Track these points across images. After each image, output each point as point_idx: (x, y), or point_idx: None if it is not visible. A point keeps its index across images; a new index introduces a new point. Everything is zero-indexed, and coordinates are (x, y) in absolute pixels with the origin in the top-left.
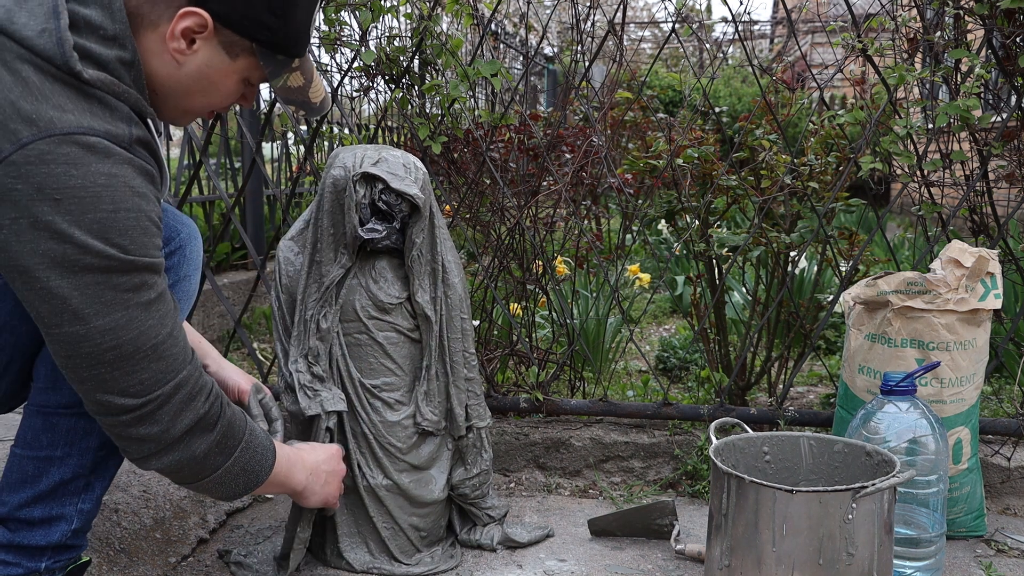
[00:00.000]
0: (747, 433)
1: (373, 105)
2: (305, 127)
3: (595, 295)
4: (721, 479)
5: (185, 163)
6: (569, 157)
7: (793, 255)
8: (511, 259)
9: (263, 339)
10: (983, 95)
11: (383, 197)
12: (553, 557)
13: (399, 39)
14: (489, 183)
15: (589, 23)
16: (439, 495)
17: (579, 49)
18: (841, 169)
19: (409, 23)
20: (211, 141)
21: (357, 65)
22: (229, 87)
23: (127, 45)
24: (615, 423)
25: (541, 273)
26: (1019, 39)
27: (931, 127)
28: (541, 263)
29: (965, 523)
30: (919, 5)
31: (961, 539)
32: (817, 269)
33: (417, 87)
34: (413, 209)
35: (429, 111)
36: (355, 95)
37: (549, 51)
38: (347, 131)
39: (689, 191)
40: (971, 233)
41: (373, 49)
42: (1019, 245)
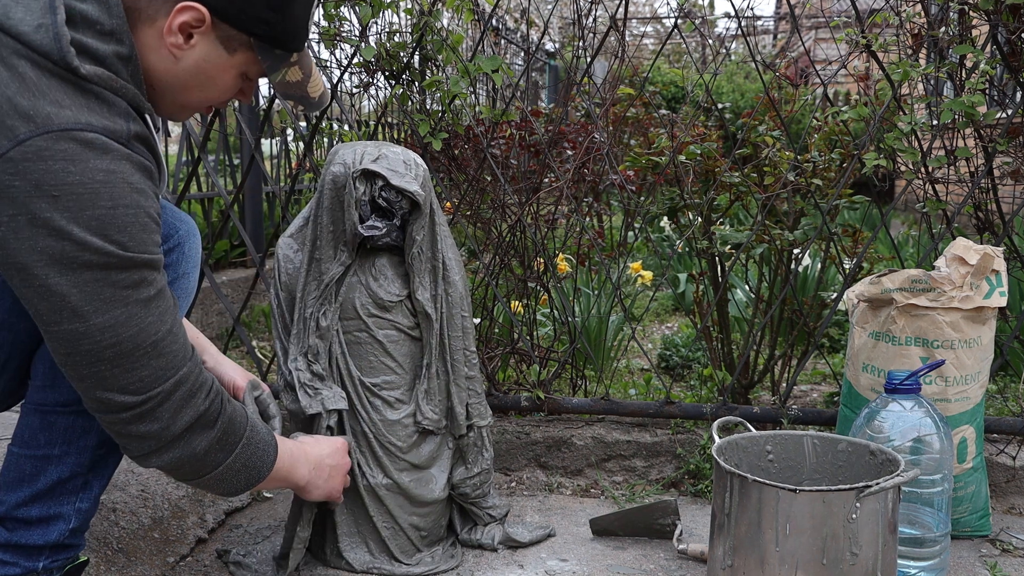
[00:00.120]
0: (750, 432)
1: (373, 101)
2: (304, 123)
3: (597, 293)
4: (724, 478)
5: (183, 159)
6: (571, 154)
7: (796, 252)
8: (512, 256)
9: (262, 337)
10: (988, 91)
11: (383, 194)
12: (555, 557)
13: (399, 35)
14: (490, 180)
15: (591, 18)
16: (440, 494)
17: (581, 45)
18: (845, 166)
19: (409, 18)
20: (210, 137)
21: (357, 61)
22: (227, 82)
23: (124, 40)
24: (617, 422)
25: (542, 271)
26: None
27: (936, 123)
28: (542, 260)
29: (970, 523)
30: (923, 0)
31: (966, 539)
32: (821, 267)
33: (417, 83)
34: (413, 206)
35: (430, 107)
36: (355, 91)
37: (551, 47)
38: (347, 127)
39: (692, 188)
40: (976, 230)
41: (373, 45)
42: None
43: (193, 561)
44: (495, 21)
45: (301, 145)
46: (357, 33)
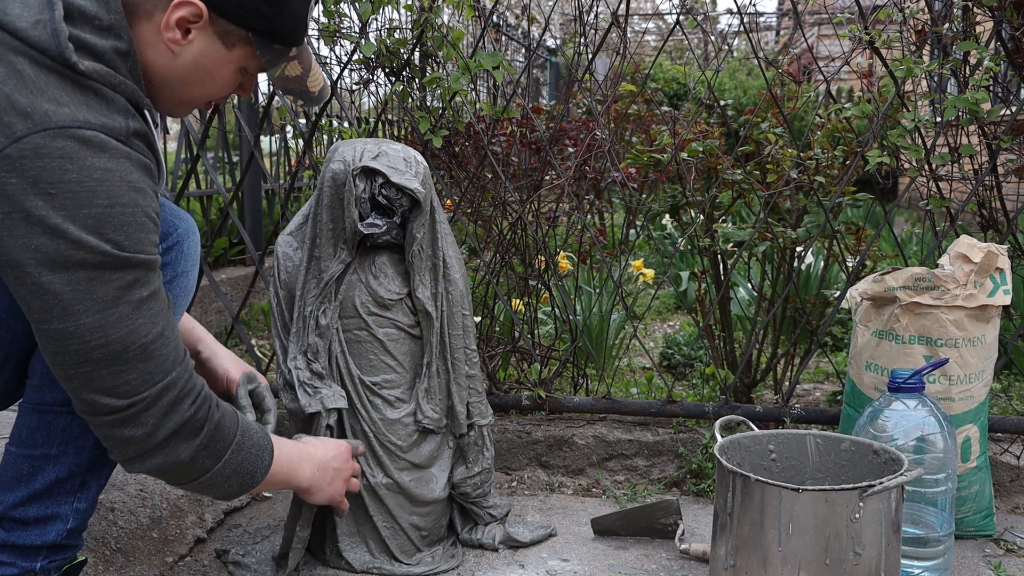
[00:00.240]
0: (752, 431)
1: (373, 98)
2: (304, 120)
3: (598, 291)
4: (726, 478)
5: (182, 157)
6: (572, 151)
7: (799, 250)
8: (513, 254)
9: (261, 335)
10: (992, 88)
11: (383, 191)
12: (556, 557)
13: (399, 31)
14: (491, 177)
15: (592, 15)
16: (440, 494)
17: (582, 41)
18: (848, 163)
19: (409, 15)
20: (208, 134)
21: (357, 57)
22: (226, 77)
23: (123, 35)
24: (619, 421)
25: (544, 269)
26: None
27: (939, 120)
28: (544, 258)
29: (974, 522)
30: None
31: (970, 538)
32: (824, 264)
33: (418, 80)
34: (414, 204)
35: (430, 104)
36: (355, 88)
37: (552, 43)
38: (347, 124)
39: (694, 185)
40: (980, 228)
41: (373, 41)
42: None
43: (192, 561)
44: (496, 17)
45: (300, 142)
46: (357, 29)
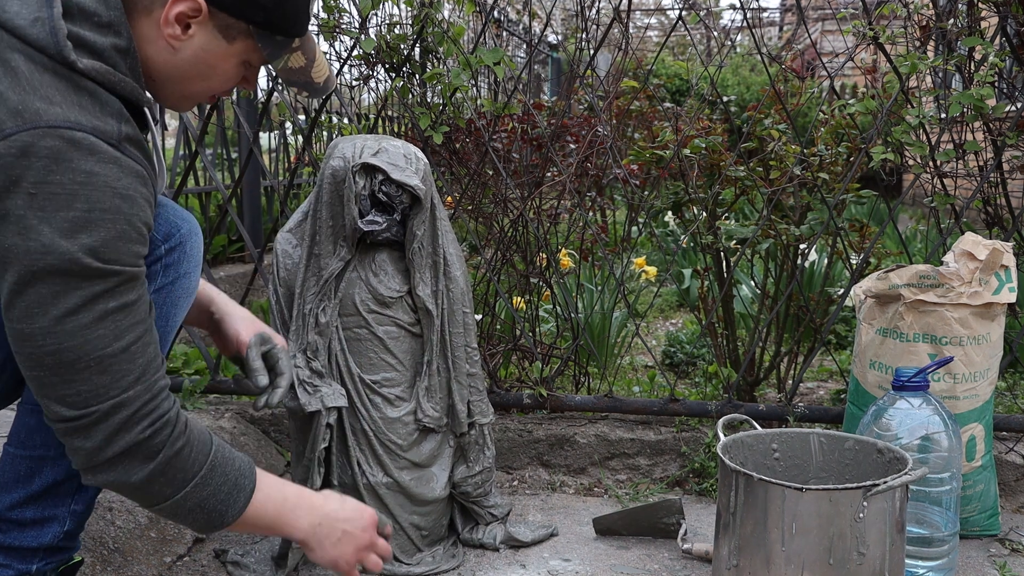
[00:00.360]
0: (756, 430)
1: (373, 94)
2: (303, 117)
3: (600, 288)
4: (729, 477)
5: (181, 153)
6: (574, 147)
7: (803, 248)
8: (514, 252)
9: None
10: (997, 84)
11: (383, 188)
12: (557, 556)
13: (399, 26)
14: (492, 174)
15: (594, 10)
16: (440, 493)
17: (584, 37)
18: (852, 160)
19: (410, 10)
20: (207, 131)
21: (357, 53)
22: (228, 71)
23: (122, 32)
24: (621, 419)
25: (545, 266)
26: None
27: (944, 117)
28: (545, 256)
29: (979, 522)
30: None
31: (975, 538)
32: (827, 262)
33: (418, 76)
34: (414, 200)
35: (430, 100)
36: (355, 84)
37: (553, 39)
38: (346, 121)
39: (696, 182)
40: (985, 225)
41: (373, 37)
42: None
43: (190, 561)
44: (497, 13)
45: (300, 138)
46: (357, 25)
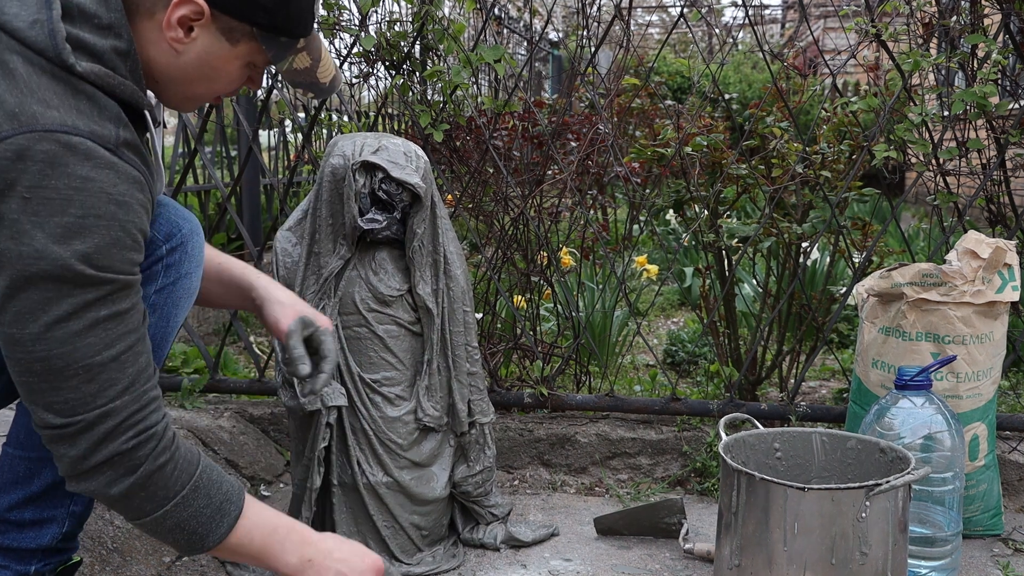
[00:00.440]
0: (758, 429)
1: (373, 92)
2: (303, 114)
3: (601, 287)
4: (731, 476)
5: (180, 151)
6: (575, 145)
7: (805, 246)
8: (515, 250)
9: (260, 332)
10: (1000, 81)
11: (383, 186)
12: (558, 556)
13: (400, 24)
14: (492, 172)
15: (595, 7)
16: (441, 493)
17: (585, 34)
18: (854, 158)
19: (410, 7)
20: (206, 129)
21: (357, 51)
22: (232, 73)
23: (123, 34)
24: (622, 419)
25: (546, 264)
26: None
27: (947, 114)
28: (546, 254)
29: (982, 521)
30: None
31: (978, 538)
32: (830, 260)
33: (418, 73)
34: (414, 199)
35: (431, 98)
36: (355, 81)
37: (554, 36)
38: (346, 118)
39: (698, 180)
40: (988, 223)
41: (373, 34)
42: None
43: (189, 561)
44: (497, 10)
45: (299, 136)
46: (357, 22)
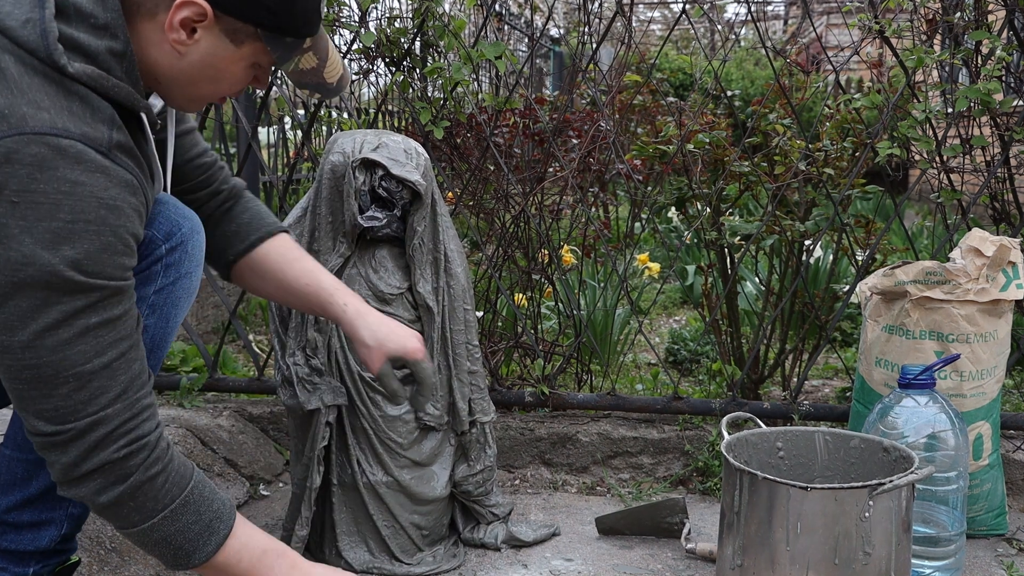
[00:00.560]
0: (760, 428)
1: (373, 88)
2: (302, 111)
3: (603, 285)
4: (733, 476)
5: None
6: (576, 142)
7: (808, 244)
8: (516, 248)
9: (259, 331)
10: (1004, 78)
11: (383, 184)
12: (559, 556)
13: (400, 20)
14: (493, 169)
15: (597, 3)
16: (441, 492)
17: (586, 30)
18: (857, 155)
19: (410, 3)
20: (205, 126)
21: (356, 47)
22: (237, 74)
23: (119, 35)
24: (623, 418)
25: (547, 262)
26: None
27: (951, 111)
28: (547, 252)
29: (986, 521)
30: None
31: (982, 538)
32: (833, 258)
33: (419, 70)
34: (414, 196)
35: (431, 95)
36: (354, 78)
37: (555, 32)
38: (346, 115)
39: (700, 178)
40: (992, 221)
41: (373, 30)
42: None
43: None
44: (498, 6)
45: (299, 133)
46: (356, 18)
